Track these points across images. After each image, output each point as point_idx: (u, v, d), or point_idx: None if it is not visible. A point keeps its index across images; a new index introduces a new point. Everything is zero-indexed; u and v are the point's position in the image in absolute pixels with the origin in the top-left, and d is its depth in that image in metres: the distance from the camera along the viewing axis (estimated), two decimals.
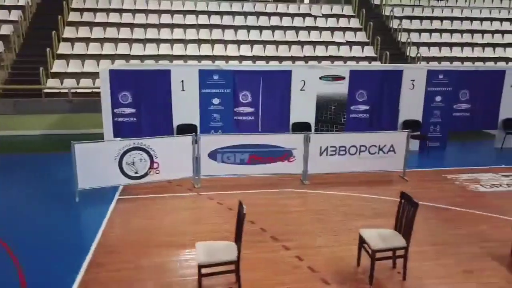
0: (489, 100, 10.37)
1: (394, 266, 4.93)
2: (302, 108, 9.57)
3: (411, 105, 9.98)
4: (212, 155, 7.48)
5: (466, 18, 17.29)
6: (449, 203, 6.94)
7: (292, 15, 16.12)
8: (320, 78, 9.59)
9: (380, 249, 4.55)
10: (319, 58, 14.51)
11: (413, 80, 9.91)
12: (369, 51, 15.16)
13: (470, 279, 4.79)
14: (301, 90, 9.49)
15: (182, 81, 9.05)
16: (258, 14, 15.91)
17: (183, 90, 9.08)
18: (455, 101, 10.29)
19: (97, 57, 13.29)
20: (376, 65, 13.38)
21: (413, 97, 9.96)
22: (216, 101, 9.23)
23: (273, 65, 12.72)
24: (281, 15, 16.04)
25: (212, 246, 4.43)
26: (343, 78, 9.66)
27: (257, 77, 9.32)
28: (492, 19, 17.43)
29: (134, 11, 15.06)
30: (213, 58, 13.94)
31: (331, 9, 16.84)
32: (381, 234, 4.71)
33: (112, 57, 13.37)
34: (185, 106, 9.11)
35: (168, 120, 9.15)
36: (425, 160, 9.55)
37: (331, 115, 9.82)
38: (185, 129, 8.97)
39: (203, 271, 4.23)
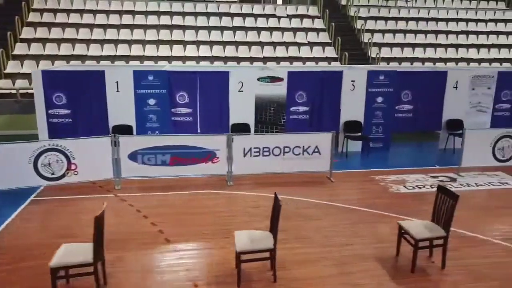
0: (432, 101, 10.38)
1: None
2: (241, 109, 9.58)
3: (352, 106, 10.00)
4: (133, 156, 7.49)
5: (432, 19, 17.30)
6: (363, 204, 6.95)
7: (256, 16, 16.13)
8: (258, 79, 9.60)
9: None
10: (278, 59, 14.53)
11: (353, 81, 9.92)
12: (330, 52, 15.17)
13: (343, 280, 4.79)
14: (239, 91, 9.50)
15: (117, 82, 9.06)
16: (221, 14, 15.92)
17: (118, 91, 9.09)
18: (397, 102, 10.30)
19: (53, 58, 13.31)
20: (316, 66, 13.37)
21: (354, 98, 9.98)
22: (152, 101, 9.24)
23: (215, 66, 12.71)
24: (244, 15, 16.06)
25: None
26: (282, 79, 9.67)
27: (193, 78, 9.34)
28: (458, 20, 17.44)
29: (95, 12, 15.07)
30: (171, 58, 13.96)
31: (296, 10, 16.84)
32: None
33: (69, 58, 13.39)
34: (121, 107, 9.12)
35: (104, 121, 9.16)
36: (363, 161, 9.56)
37: (270, 116, 9.83)
38: (121, 130, 8.98)
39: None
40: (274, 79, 9.65)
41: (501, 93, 10.62)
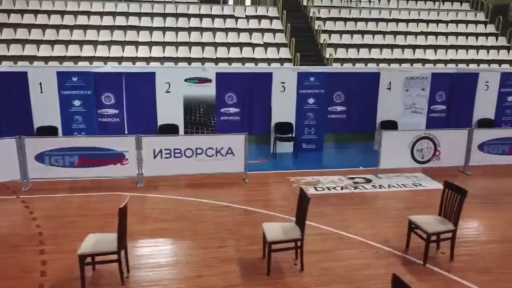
0: (366, 102, 10.38)
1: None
2: (169, 110, 9.59)
3: (283, 107, 10.00)
4: (40, 157, 7.49)
5: (393, 20, 17.29)
6: (261, 206, 6.95)
7: (213, 17, 16.12)
8: (185, 80, 9.60)
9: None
10: (230, 60, 14.51)
11: (283, 83, 9.93)
12: (285, 53, 15.16)
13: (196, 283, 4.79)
14: (166, 92, 9.51)
15: (40, 83, 9.06)
16: (178, 15, 15.91)
17: (41, 92, 9.09)
18: (329, 103, 10.30)
19: (16, 59, 13.26)
20: (245, 67, 13.19)
21: (286, 99, 9.98)
22: (77, 103, 9.25)
23: (141, 66, 12.53)
24: (201, 16, 16.05)
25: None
26: (210, 80, 9.67)
27: (119, 79, 9.34)
28: (419, 21, 17.42)
29: (49, 12, 15.05)
30: (121, 59, 13.94)
31: (256, 11, 16.83)
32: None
33: (32, 59, 13.37)
34: (45, 108, 9.13)
35: (28, 122, 9.17)
36: (289, 162, 9.56)
37: (200, 117, 9.84)
38: (46, 131, 8.99)
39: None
40: (202, 80, 9.65)
41: (436, 95, 10.62)
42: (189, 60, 14.36)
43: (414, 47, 16.27)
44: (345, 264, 5.18)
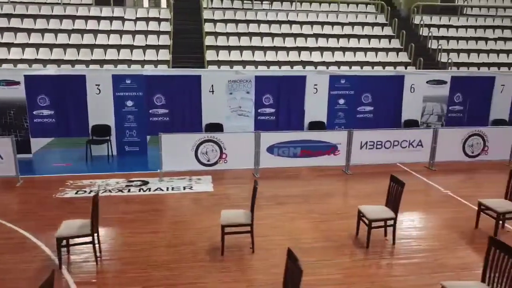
0: (191, 105, 10.34)
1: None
2: None
3: (101, 110, 9.97)
4: None
5: (287, 22, 17.28)
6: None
7: (101, 18, 16.12)
8: None
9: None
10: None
11: (98, 85, 9.91)
12: (163, 55, 15.16)
13: None
14: None
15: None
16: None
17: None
18: (150, 106, 10.27)
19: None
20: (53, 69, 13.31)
21: (102, 102, 9.96)
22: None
23: None
24: (91, 18, 16.03)
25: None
26: (18, 83, 9.65)
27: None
28: (313, 23, 17.41)
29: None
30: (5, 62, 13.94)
31: (148, 13, 16.83)
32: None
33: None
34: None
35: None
36: (84, 165, 9.53)
37: (11, 120, 9.81)
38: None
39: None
40: (10, 83, 9.63)
41: (263, 97, 10.59)
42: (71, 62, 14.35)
43: (299, 49, 16.27)
44: None
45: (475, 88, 11.36)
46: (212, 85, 10.32)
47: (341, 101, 10.87)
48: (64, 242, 5.26)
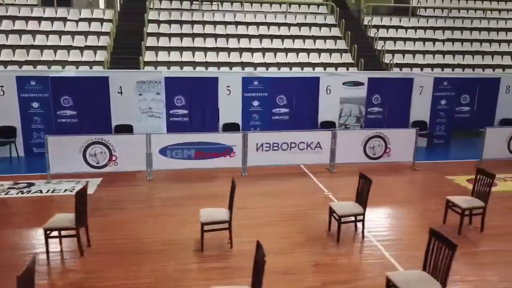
0: (98, 106, 10.27)
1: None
2: None
3: (5, 111, 9.90)
4: None
5: (234, 23, 17.20)
6: None
7: (44, 19, 16.04)
8: None
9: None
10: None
11: (2, 86, 9.83)
12: (100, 56, 15.09)
13: None
14: None
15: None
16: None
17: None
18: (59, 107, 10.16)
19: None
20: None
21: (6, 103, 9.88)
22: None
23: None
24: (35, 19, 15.95)
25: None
26: None
27: None
28: (260, 24, 17.34)
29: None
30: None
31: (92, 13, 16.77)
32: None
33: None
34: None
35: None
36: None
37: None
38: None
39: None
40: None
41: (175, 98, 10.52)
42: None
43: (240, 51, 16.18)
44: None
45: (394, 89, 11.28)
46: (121, 87, 10.24)
47: (255, 103, 10.80)
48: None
